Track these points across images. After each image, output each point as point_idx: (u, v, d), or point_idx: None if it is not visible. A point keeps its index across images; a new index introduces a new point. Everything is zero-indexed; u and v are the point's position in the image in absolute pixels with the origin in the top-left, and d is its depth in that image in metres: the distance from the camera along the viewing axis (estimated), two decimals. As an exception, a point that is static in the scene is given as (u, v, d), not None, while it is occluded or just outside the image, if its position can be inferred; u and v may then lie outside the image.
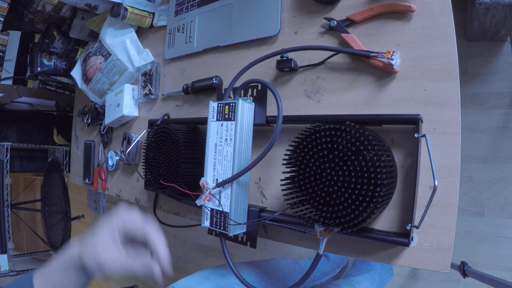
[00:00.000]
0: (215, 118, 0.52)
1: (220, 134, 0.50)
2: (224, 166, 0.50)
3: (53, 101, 1.54)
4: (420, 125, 0.45)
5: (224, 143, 0.50)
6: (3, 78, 1.37)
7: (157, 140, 0.62)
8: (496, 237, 1.21)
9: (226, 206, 0.50)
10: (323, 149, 0.40)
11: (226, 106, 0.49)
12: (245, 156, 0.50)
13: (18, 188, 2.88)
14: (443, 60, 0.47)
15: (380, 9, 0.53)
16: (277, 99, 0.50)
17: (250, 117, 0.51)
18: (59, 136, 1.72)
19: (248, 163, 0.50)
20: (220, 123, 0.50)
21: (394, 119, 0.41)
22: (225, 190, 0.50)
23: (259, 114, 0.54)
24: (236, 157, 0.48)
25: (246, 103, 0.50)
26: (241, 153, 0.49)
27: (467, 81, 1.26)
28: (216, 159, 0.50)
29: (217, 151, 0.51)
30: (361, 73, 0.55)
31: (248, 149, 0.50)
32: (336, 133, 0.40)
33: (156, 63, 0.87)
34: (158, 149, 0.61)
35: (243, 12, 0.70)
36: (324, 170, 0.40)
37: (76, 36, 1.13)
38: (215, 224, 0.51)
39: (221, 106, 0.50)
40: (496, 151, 1.22)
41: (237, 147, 0.48)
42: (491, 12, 1.01)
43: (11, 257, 1.60)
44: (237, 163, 0.48)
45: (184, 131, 0.62)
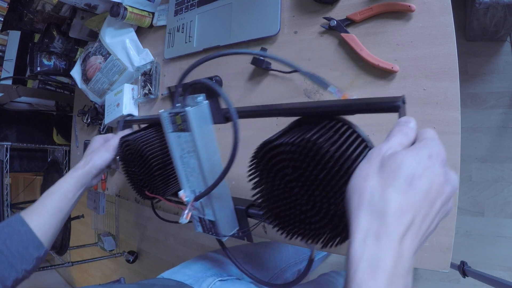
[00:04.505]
0: (171, 129, 0.45)
1: (181, 146, 0.44)
2: (196, 177, 0.45)
3: (53, 101, 1.54)
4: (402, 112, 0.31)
5: (188, 155, 0.44)
6: (3, 78, 1.37)
7: (126, 154, 0.57)
8: (496, 236, 1.21)
9: (211, 215, 0.47)
10: (284, 167, 0.32)
11: (177, 116, 0.43)
12: (213, 162, 0.45)
13: (18, 188, 2.88)
14: (443, 59, 0.47)
15: (380, 8, 0.53)
16: (228, 103, 0.39)
17: (207, 120, 0.44)
18: (58, 136, 1.72)
19: (219, 167, 0.45)
20: (177, 135, 0.44)
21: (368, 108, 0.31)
22: (205, 201, 0.46)
23: (216, 111, 0.45)
24: (203, 168, 0.43)
25: (198, 108, 0.43)
26: (207, 162, 0.44)
27: (467, 81, 1.26)
28: (186, 171, 0.46)
29: (184, 163, 0.45)
30: (361, 73, 0.55)
31: (214, 153, 0.45)
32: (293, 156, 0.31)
33: (155, 63, 0.87)
34: (130, 162, 0.57)
35: (243, 12, 0.70)
36: (292, 190, 0.31)
37: (76, 36, 1.13)
38: (207, 230, 0.50)
39: (173, 115, 0.43)
40: (496, 151, 1.22)
41: (201, 158, 0.43)
42: (490, 12, 1.01)
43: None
44: (207, 173, 0.43)
45: (150, 136, 0.54)
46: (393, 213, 0.23)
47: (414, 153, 0.26)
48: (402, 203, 0.24)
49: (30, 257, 0.50)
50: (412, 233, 0.23)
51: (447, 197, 0.26)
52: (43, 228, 0.52)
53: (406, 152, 0.26)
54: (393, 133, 0.29)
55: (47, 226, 0.53)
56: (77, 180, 0.57)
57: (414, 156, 0.25)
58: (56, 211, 0.54)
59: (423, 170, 0.25)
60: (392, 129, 0.29)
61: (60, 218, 0.55)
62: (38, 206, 0.54)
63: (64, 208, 0.56)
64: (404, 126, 0.29)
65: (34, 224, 0.52)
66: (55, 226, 0.54)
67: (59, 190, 0.56)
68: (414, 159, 0.25)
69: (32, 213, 0.53)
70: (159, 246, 2.09)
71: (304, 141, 0.29)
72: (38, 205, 0.54)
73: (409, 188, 0.24)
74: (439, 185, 0.25)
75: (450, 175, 0.26)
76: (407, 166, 0.25)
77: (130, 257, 2.21)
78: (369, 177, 0.25)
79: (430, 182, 0.24)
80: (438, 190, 0.25)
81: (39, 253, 0.51)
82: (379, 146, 0.28)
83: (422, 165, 0.25)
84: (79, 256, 2.23)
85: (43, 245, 0.52)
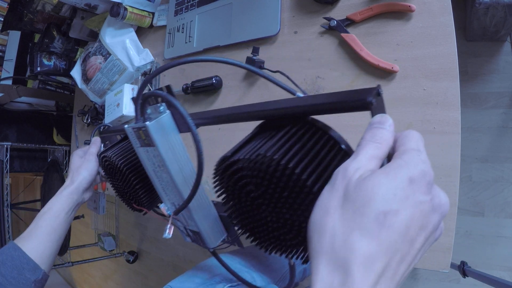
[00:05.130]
0: (138, 144, 0.42)
1: (151, 160, 0.42)
2: (171, 190, 0.42)
3: (53, 101, 1.54)
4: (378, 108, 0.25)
5: (159, 169, 0.41)
6: (3, 78, 1.37)
7: (107, 169, 0.56)
8: (496, 237, 1.21)
9: (194, 226, 0.45)
10: (247, 184, 0.28)
11: (140, 131, 0.39)
12: (186, 174, 0.42)
13: (18, 188, 2.89)
14: (443, 59, 0.47)
15: (380, 8, 0.53)
16: (183, 113, 0.35)
17: (172, 130, 0.40)
18: (59, 136, 1.72)
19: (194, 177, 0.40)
20: (145, 150, 0.41)
21: (329, 108, 0.26)
22: (185, 213, 0.44)
23: (180, 120, 0.41)
24: (176, 181, 0.41)
25: (158, 121, 0.39)
26: (179, 175, 0.41)
27: (467, 81, 1.26)
28: (162, 185, 0.43)
29: (158, 177, 0.43)
30: (361, 73, 0.55)
31: (186, 164, 0.42)
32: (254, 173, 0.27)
33: (156, 63, 0.87)
34: (112, 176, 0.56)
35: (243, 12, 0.70)
36: (260, 206, 0.28)
37: (76, 36, 1.13)
38: (194, 240, 0.48)
39: (136, 131, 0.40)
40: (496, 151, 1.22)
41: (171, 172, 0.40)
42: (490, 12, 1.01)
43: (11, 257, 1.59)
44: (180, 186, 0.41)
45: (128, 149, 0.52)
46: (360, 264, 0.18)
47: (389, 179, 0.19)
48: (372, 250, 0.18)
49: (27, 281, 0.49)
50: (386, 279, 0.18)
51: (434, 226, 0.21)
52: (38, 250, 0.51)
53: (378, 178, 0.19)
54: (363, 142, 0.23)
55: (42, 248, 0.52)
56: (68, 198, 0.57)
57: (389, 183, 0.19)
58: (50, 231, 0.53)
59: (400, 202, 0.19)
60: (363, 134, 0.23)
61: (55, 238, 0.54)
62: (31, 229, 0.53)
63: (58, 228, 0.55)
64: (377, 130, 0.23)
65: (28, 248, 0.50)
66: (50, 247, 0.53)
67: (51, 211, 0.55)
68: (389, 188, 0.19)
69: (25, 238, 0.52)
70: (159, 246, 2.09)
71: (260, 157, 0.25)
72: (31, 229, 0.53)
73: (382, 229, 0.18)
74: (423, 217, 0.20)
75: (438, 199, 0.21)
76: (379, 199, 0.19)
77: (130, 257, 2.21)
78: (329, 213, 0.20)
79: (410, 217, 0.19)
80: (421, 223, 0.19)
81: (36, 276, 0.50)
82: (344, 165, 0.22)
83: (400, 196, 0.19)
84: (79, 256, 2.23)
85: (40, 268, 0.51)
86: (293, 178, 0.24)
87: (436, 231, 0.21)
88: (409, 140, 0.23)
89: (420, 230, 0.19)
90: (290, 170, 0.23)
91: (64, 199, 0.56)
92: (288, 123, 0.28)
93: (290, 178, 0.24)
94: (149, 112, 0.41)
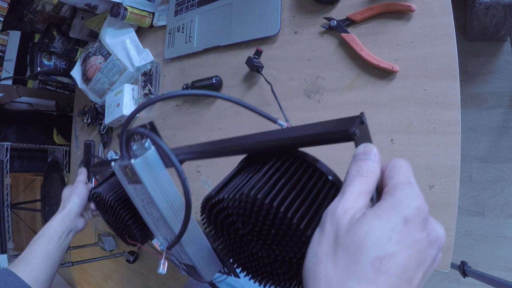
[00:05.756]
0: (126, 181, 0.42)
1: (140, 197, 0.41)
2: (162, 226, 0.42)
3: (53, 101, 1.54)
4: (362, 137, 0.24)
5: (148, 205, 0.41)
6: (3, 78, 1.37)
7: (99, 206, 0.56)
8: (496, 237, 1.21)
9: (187, 260, 0.44)
10: (233, 222, 0.28)
11: (126, 168, 0.39)
12: (175, 209, 0.42)
13: (18, 188, 2.89)
14: (443, 59, 0.47)
15: (380, 8, 0.53)
16: (166, 151, 0.34)
17: (158, 166, 0.39)
18: (59, 136, 1.72)
19: (183, 210, 0.38)
20: (133, 187, 0.41)
21: (311, 141, 0.25)
22: (178, 247, 0.43)
23: (165, 155, 0.39)
24: (165, 218, 0.40)
25: (143, 158, 0.38)
26: (168, 211, 0.41)
27: (467, 81, 1.26)
28: (152, 220, 0.43)
29: (148, 213, 0.43)
30: (361, 73, 0.55)
31: (176, 199, 0.41)
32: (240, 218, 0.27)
33: (156, 63, 0.87)
34: (105, 212, 0.56)
35: (243, 12, 0.70)
36: (249, 243, 0.28)
37: (76, 36, 1.13)
38: (189, 273, 0.46)
39: (122, 168, 0.40)
40: (496, 151, 1.22)
41: (160, 209, 0.40)
42: (491, 12, 1.01)
43: (11, 257, 1.60)
44: (170, 222, 0.41)
45: (118, 184, 0.51)
46: None
47: (382, 222, 0.18)
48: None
49: None
50: None
51: (432, 260, 0.20)
52: (33, 274, 0.50)
53: (370, 223, 0.19)
54: (348, 177, 0.22)
55: (37, 272, 0.51)
56: (59, 223, 0.57)
57: (383, 226, 0.18)
58: (44, 256, 0.53)
59: (396, 245, 0.18)
60: (348, 168, 0.22)
61: (50, 263, 0.54)
62: (25, 254, 0.53)
63: (52, 252, 0.54)
64: (362, 162, 0.22)
65: (22, 272, 0.50)
66: (45, 272, 0.53)
67: (44, 236, 0.55)
68: (383, 232, 0.18)
69: (19, 262, 0.51)
70: (159, 246, 2.09)
71: (244, 197, 0.25)
72: (25, 253, 0.53)
73: (379, 275, 0.18)
74: (420, 254, 0.19)
75: (435, 233, 0.20)
76: (374, 245, 0.18)
77: (130, 257, 2.21)
78: (322, 260, 0.19)
79: (407, 258, 0.18)
80: (418, 261, 0.19)
81: None
82: (332, 206, 0.21)
83: (395, 238, 0.18)
84: (79, 256, 2.23)
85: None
86: (278, 216, 0.23)
87: (435, 262, 0.21)
88: (398, 172, 0.21)
89: (418, 268, 0.19)
90: (275, 209, 0.23)
91: (56, 224, 0.57)
92: (272, 156, 0.28)
93: (276, 217, 0.23)
94: (134, 148, 0.41)
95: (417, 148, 0.48)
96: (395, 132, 0.50)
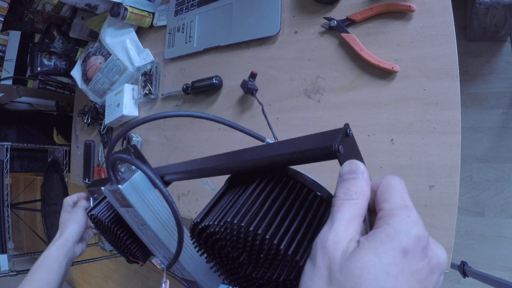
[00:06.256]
0: (118, 205, 0.42)
1: (133, 219, 0.41)
2: (159, 245, 0.42)
3: (53, 101, 1.54)
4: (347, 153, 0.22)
5: (142, 227, 0.41)
6: (3, 78, 1.37)
7: (98, 227, 0.57)
8: (496, 237, 1.21)
9: (189, 276, 0.44)
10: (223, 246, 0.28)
11: (116, 193, 0.39)
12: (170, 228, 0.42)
13: (18, 188, 2.88)
14: (443, 59, 0.47)
15: (380, 8, 0.53)
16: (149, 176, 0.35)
17: (147, 188, 0.39)
18: (59, 136, 1.72)
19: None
20: (125, 210, 0.41)
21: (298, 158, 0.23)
22: (178, 265, 0.43)
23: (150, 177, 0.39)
24: (160, 238, 0.40)
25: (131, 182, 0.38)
26: (163, 231, 0.41)
27: (467, 81, 1.26)
28: (149, 240, 0.43)
29: (144, 234, 0.43)
30: (361, 73, 0.55)
31: (168, 218, 0.41)
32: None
33: (156, 63, 0.87)
34: (105, 232, 0.56)
35: (243, 12, 0.70)
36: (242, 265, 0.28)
37: (76, 36, 1.13)
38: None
39: (112, 193, 0.40)
40: (496, 151, 1.22)
41: (154, 230, 0.40)
42: (491, 12, 1.01)
43: (11, 257, 1.60)
44: (166, 242, 0.41)
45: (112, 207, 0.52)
46: None
47: (379, 256, 0.17)
48: None
49: None
50: None
51: (435, 284, 0.19)
52: None
53: (366, 258, 0.17)
54: (336, 202, 0.20)
55: None
56: (58, 251, 0.57)
57: (380, 261, 0.17)
58: (44, 285, 0.53)
59: (395, 280, 0.17)
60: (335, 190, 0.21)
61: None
62: (25, 283, 0.53)
63: (53, 281, 0.54)
64: (349, 183, 0.20)
65: None
66: None
67: (43, 263, 0.55)
68: (381, 267, 0.17)
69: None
70: (159, 246, 2.09)
71: (229, 224, 0.24)
72: (25, 282, 0.53)
73: None
74: (422, 283, 0.18)
75: (436, 259, 0.19)
76: (371, 282, 0.16)
77: (130, 257, 2.21)
78: None
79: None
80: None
81: None
82: (322, 237, 0.19)
83: (394, 273, 0.17)
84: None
85: None
86: (265, 242, 0.22)
87: (435, 286, 0.19)
88: (392, 194, 0.20)
89: None
90: (260, 236, 0.22)
91: (55, 252, 0.57)
92: (257, 176, 0.27)
93: (263, 243, 0.22)
94: (123, 170, 0.41)
95: (417, 148, 0.48)
96: (395, 132, 0.50)
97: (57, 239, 0.58)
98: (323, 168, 0.23)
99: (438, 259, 0.19)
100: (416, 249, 0.17)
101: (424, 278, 0.18)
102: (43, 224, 1.91)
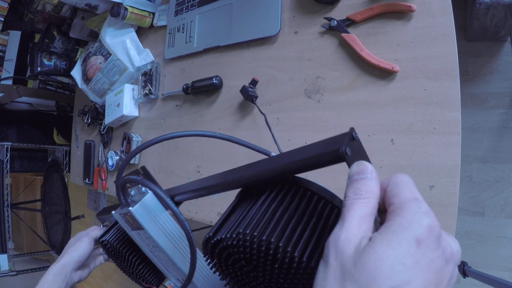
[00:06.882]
0: (129, 228, 0.42)
1: (145, 242, 0.41)
2: (172, 267, 0.42)
3: (53, 101, 1.54)
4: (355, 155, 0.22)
5: (154, 249, 0.41)
6: (3, 78, 1.37)
7: (109, 253, 0.57)
8: (496, 237, 1.21)
9: None
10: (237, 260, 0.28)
11: (127, 216, 0.39)
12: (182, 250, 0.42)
13: (18, 188, 2.88)
14: (443, 60, 0.47)
15: (380, 9, 0.53)
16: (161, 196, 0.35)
17: (158, 209, 0.39)
18: (59, 136, 1.72)
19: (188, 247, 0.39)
20: (136, 233, 0.41)
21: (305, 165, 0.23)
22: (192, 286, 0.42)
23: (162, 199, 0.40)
24: (173, 260, 0.40)
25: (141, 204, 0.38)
26: (175, 252, 0.40)
27: (467, 81, 1.26)
28: (162, 263, 0.43)
29: (156, 256, 0.43)
30: (361, 73, 0.55)
31: (180, 239, 0.41)
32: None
33: (156, 63, 0.87)
34: (116, 259, 0.57)
35: (243, 12, 0.70)
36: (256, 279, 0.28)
37: (76, 36, 1.13)
38: None
39: (123, 216, 0.40)
40: (496, 151, 1.22)
41: (166, 251, 0.40)
42: (491, 12, 1.01)
43: (11, 257, 1.60)
44: (179, 263, 0.41)
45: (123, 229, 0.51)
46: None
47: (393, 247, 0.17)
48: None
49: None
50: None
51: (449, 278, 0.18)
52: None
53: (380, 250, 0.17)
54: (347, 202, 0.20)
55: None
56: (55, 275, 0.57)
57: (394, 252, 0.17)
58: None
59: (411, 271, 0.16)
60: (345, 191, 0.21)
61: None
62: None
63: None
64: (359, 183, 0.20)
65: None
66: None
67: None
68: (396, 258, 0.16)
69: None
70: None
71: (241, 236, 0.24)
72: None
73: None
74: (437, 274, 0.17)
75: (450, 249, 0.19)
76: (387, 275, 0.16)
77: (130, 257, 2.21)
78: None
79: (424, 281, 0.17)
80: (436, 281, 0.17)
81: None
82: (334, 236, 0.19)
83: (409, 263, 0.16)
84: (79, 256, 2.22)
85: None
86: (279, 251, 0.22)
87: (453, 278, 0.19)
88: (402, 189, 0.20)
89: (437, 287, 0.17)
90: (274, 245, 0.22)
91: (52, 277, 0.57)
92: (266, 187, 0.27)
93: (277, 251, 0.22)
94: (132, 193, 0.41)
95: (417, 148, 0.48)
96: (395, 132, 0.50)
97: (54, 265, 0.58)
98: (323, 168, 0.23)
99: (451, 249, 0.19)
100: (429, 238, 0.17)
101: (440, 268, 0.18)
102: (43, 224, 1.91)
